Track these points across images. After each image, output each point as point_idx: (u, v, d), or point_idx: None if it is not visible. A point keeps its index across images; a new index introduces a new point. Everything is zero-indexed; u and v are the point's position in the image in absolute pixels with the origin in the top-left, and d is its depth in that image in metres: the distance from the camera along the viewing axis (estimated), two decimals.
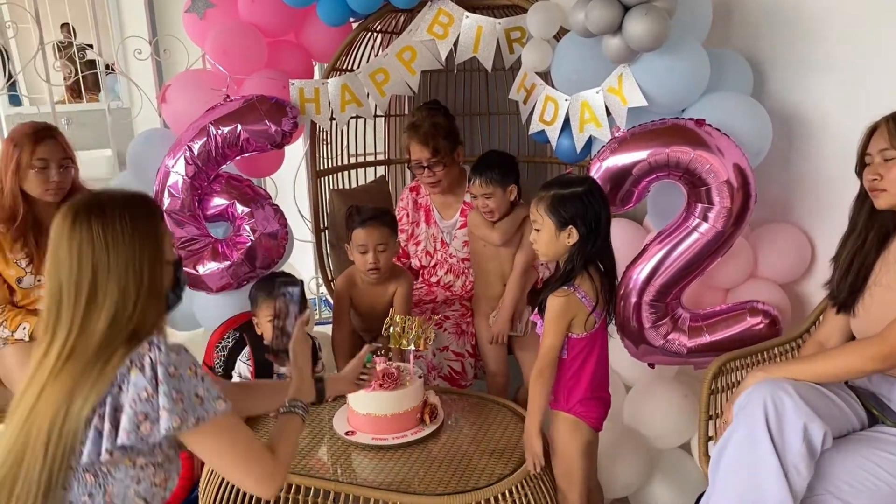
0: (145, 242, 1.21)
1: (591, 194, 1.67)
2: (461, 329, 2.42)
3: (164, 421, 1.15)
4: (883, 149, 1.52)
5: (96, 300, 1.17)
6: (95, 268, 1.17)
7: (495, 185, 2.26)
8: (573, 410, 1.74)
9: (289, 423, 1.39)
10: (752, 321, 1.94)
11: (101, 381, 1.15)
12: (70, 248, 1.18)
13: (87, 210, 1.19)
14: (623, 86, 1.94)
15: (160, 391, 1.15)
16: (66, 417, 1.13)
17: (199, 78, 2.51)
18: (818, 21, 2.00)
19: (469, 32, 2.37)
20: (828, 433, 1.43)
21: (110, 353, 1.17)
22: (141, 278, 1.20)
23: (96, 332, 1.17)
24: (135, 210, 1.21)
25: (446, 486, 1.69)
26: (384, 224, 2.24)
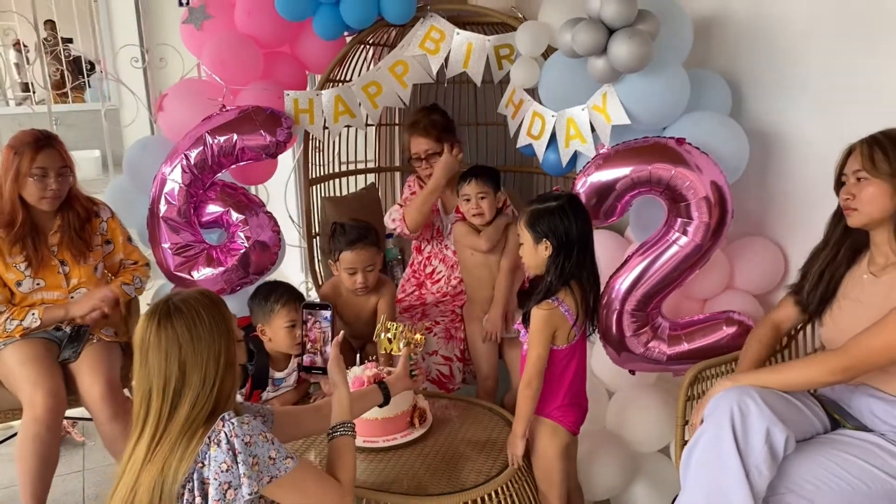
0: (220, 331, 1.37)
1: (563, 210, 1.74)
2: (450, 334, 2.49)
3: (245, 487, 1.31)
4: (856, 170, 1.60)
5: (182, 393, 1.34)
6: (182, 365, 1.33)
7: (490, 185, 2.36)
8: (552, 416, 1.83)
9: (342, 447, 1.53)
10: (729, 330, 2.01)
11: (187, 459, 1.31)
12: (159, 350, 1.33)
13: (167, 314, 1.35)
14: (607, 104, 2.02)
15: (239, 460, 1.31)
16: (162, 494, 1.30)
17: (196, 87, 2.57)
18: (794, 44, 2.08)
19: (460, 48, 2.45)
20: (790, 437, 1.51)
21: (192, 433, 1.33)
22: (218, 363, 1.36)
23: (180, 417, 1.33)
24: (206, 305, 1.37)
25: (435, 487, 1.76)
26: (371, 244, 2.30)
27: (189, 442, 1.32)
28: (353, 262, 2.28)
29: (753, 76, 2.20)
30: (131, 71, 3.36)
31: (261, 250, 2.33)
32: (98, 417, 2.19)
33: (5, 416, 2.31)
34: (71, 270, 2.32)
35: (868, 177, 1.57)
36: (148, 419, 1.35)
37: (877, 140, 1.58)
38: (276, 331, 2.09)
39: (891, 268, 1.61)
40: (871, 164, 1.57)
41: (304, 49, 2.59)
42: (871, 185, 1.57)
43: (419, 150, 2.62)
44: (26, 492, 2.14)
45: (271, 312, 2.09)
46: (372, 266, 2.30)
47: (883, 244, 1.62)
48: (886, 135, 1.58)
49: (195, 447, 1.32)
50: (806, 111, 2.09)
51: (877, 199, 1.57)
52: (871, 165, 1.57)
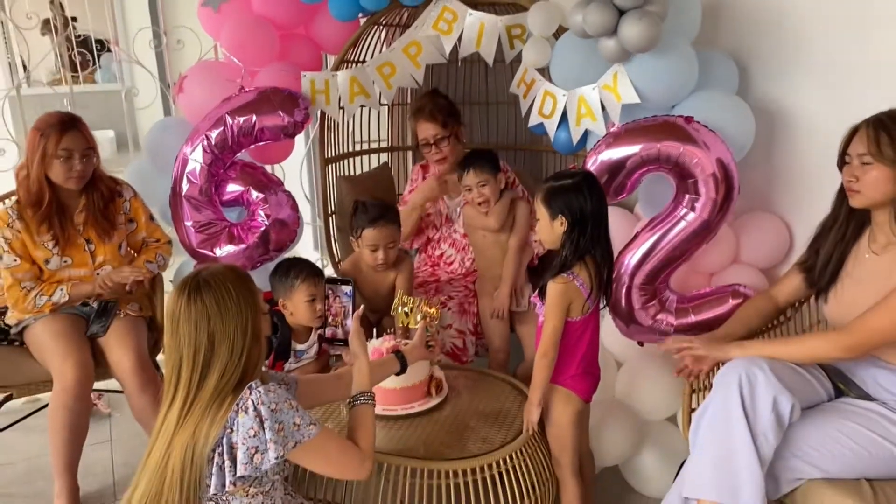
0: (247, 304, 1.43)
1: (577, 187, 1.78)
2: (464, 308, 2.57)
3: (271, 451, 1.39)
4: (861, 153, 1.61)
5: (211, 363, 1.41)
6: (212, 336, 1.40)
7: (488, 172, 2.42)
8: (566, 384, 1.90)
9: (362, 415, 1.62)
10: (735, 303, 2.06)
11: (217, 424, 1.39)
12: (189, 322, 1.40)
13: (196, 287, 1.42)
14: (617, 83, 2.07)
15: (265, 426, 1.39)
16: (194, 456, 1.39)
17: (214, 69, 2.63)
18: (800, 24, 2.12)
19: (472, 29, 2.49)
20: (795, 405, 1.57)
21: (222, 400, 1.41)
22: (245, 334, 1.42)
23: (210, 386, 1.41)
24: (234, 279, 1.44)
25: (452, 452, 1.84)
26: (391, 222, 2.37)
27: (219, 409, 1.40)
28: (375, 239, 2.35)
29: (760, 56, 2.24)
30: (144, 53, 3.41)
31: (280, 228, 2.40)
32: (128, 388, 2.28)
33: (35, 388, 2.40)
34: (96, 248, 2.40)
35: (872, 161, 1.59)
36: (179, 387, 1.42)
37: (882, 123, 1.58)
38: (296, 305, 2.17)
39: (892, 246, 1.65)
40: (876, 149, 1.58)
41: (319, 30, 2.64)
42: (874, 170, 1.59)
43: (427, 135, 2.68)
44: (58, 459, 2.23)
45: (292, 288, 2.15)
46: (393, 243, 2.37)
47: (884, 224, 1.66)
48: (892, 117, 1.59)
49: (224, 413, 1.39)
50: (811, 90, 2.13)
51: (880, 183, 1.59)
52: (876, 150, 1.58)
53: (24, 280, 2.30)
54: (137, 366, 2.27)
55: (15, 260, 2.28)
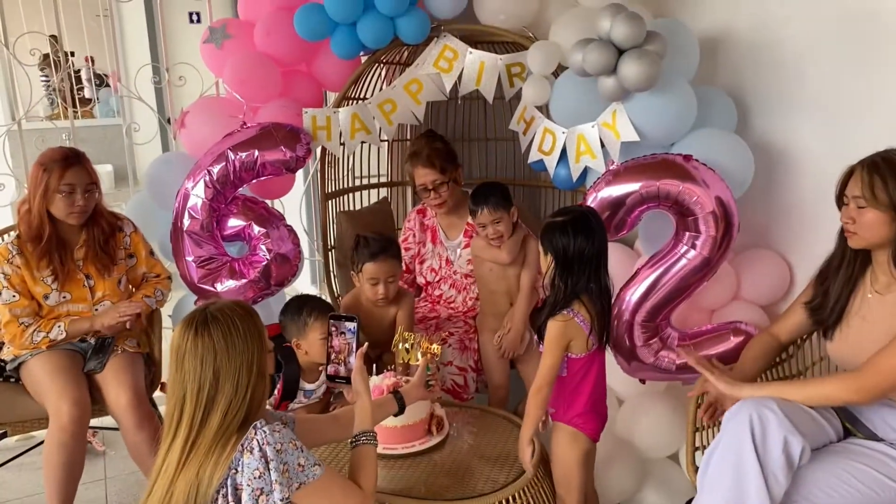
0: (253, 340, 1.42)
1: (563, 227, 1.78)
2: (464, 345, 2.55)
3: (277, 493, 1.37)
4: (856, 196, 1.62)
5: (215, 400, 1.39)
6: (217, 372, 1.38)
7: (502, 210, 2.41)
8: (572, 422, 1.88)
9: (364, 455, 1.60)
10: (736, 340, 2.07)
11: (221, 465, 1.37)
12: (195, 357, 1.39)
13: (204, 322, 1.40)
14: (617, 121, 2.09)
15: (271, 467, 1.37)
16: (197, 497, 1.36)
17: (216, 105, 2.65)
18: (799, 61, 2.15)
19: (472, 67, 2.51)
20: (806, 447, 1.55)
21: (227, 440, 1.39)
22: (251, 371, 1.41)
23: (214, 424, 1.38)
24: (241, 315, 1.43)
25: (453, 493, 1.82)
26: (392, 256, 2.37)
27: (223, 449, 1.38)
28: (376, 273, 2.34)
29: (758, 93, 2.27)
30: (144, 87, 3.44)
31: (282, 262, 2.39)
32: (125, 425, 2.26)
33: (30, 425, 2.37)
34: (95, 284, 2.39)
35: (866, 205, 1.60)
36: (181, 423, 1.40)
37: (876, 166, 1.59)
38: (311, 344, 2.15)
39: (895, 285, 1.65)
40: (870, 194, 1.59)
41: (321, 68, 2.66)
42: (869, 213, 1.60)
43: (425, 181, 2.67)
44: (52, 499, 2.20)
45: (305, 326, 2.14)
46: (393, 277, 2.37)
47: (884, 263, 1.67)
48: (886, 160, 1.60)
49: (229, 454, 1.37)
50: (809, 127, 2.15)
51: (875, 226, 1.60)
52: (870, 195, 1.59)
53: (21, 316, 2.28)
54: (134, 402, 2.25)
55: (14, 296, 2.27)
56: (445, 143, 2.75)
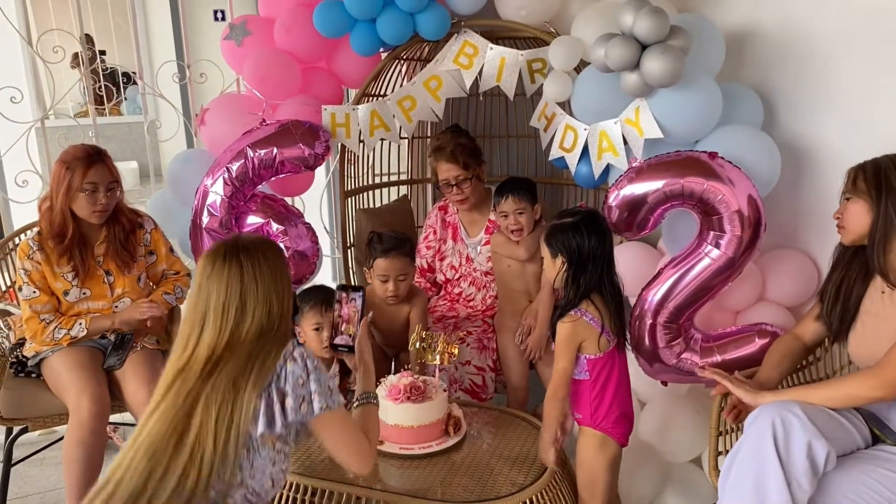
0: (282, 276, 1.46)
1: (576, 227, 1.79)
2: (483, 344, 2.53)
3: (316, 402, 1.40)
4: (844, 192, 1.72)
5: (244, 318, 1.40)
6: (244, 294, 1.40)
7: (526, 201, 2.40)
8: (600, 427, 1.85)
9: (369, 413, 1.65)
10: (761, 342, 2.02)
11: (264, 373, 1.38)
12: (220, 278, 1.41)
13: (234, 250, 1.43)
14: (640, 118, 2.05)
15: (311, 378, 1.41)
16: (234, 405, 1.34)
17: (236, 102, 2.64)
18: (826, 58, 2.10)
19: (493, 63, 2.49)
20: (831, 453, 1.51)
21: (266, 354, 1.40)
22: (281, 303, 1.45)
23: (247, 341, 1.40)
24: (272, 251, 1.47)
25: (470, 494, 1.80)
26: (404, 254, 2.35)
27: (264, 362, 1.39)
28: (386, 269, 2.33)
29: (785, 90, 2.22)
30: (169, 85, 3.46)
31: (300, 260, 2.39)
32: None
33: (51, 420, 2.39)
34: (115, 280, 2.40)
35: (850, 197, 1.70)
36: (202, 339, 1.39)
37: (862, 165, 1.70)
38: (305, 332, 2.15)
39: None
40: (852, 185, 1.69)
41: (340, 64, 2.65)
42: (852, 204, 1.69)
43: (448, 176, 2.65)
44: (72, 494, 2.21)
45: (300, 313, 2.14)
46: (404, 276, 2.35)
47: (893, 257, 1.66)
48: (873, 161, 1.68)
49: (271, 365, 1.39)
50: (837, 125, 2.10)
51: (857, 216, 1.69)
52: (852, 186, 1.69)
53: (42, 312, 2.30)
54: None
55: (34, 292, 2.28)
56: (470, 139, 2.73)
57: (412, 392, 1.99)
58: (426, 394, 2.01)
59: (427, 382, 2.06)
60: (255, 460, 1.39)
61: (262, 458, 1.40)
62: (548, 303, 2.42)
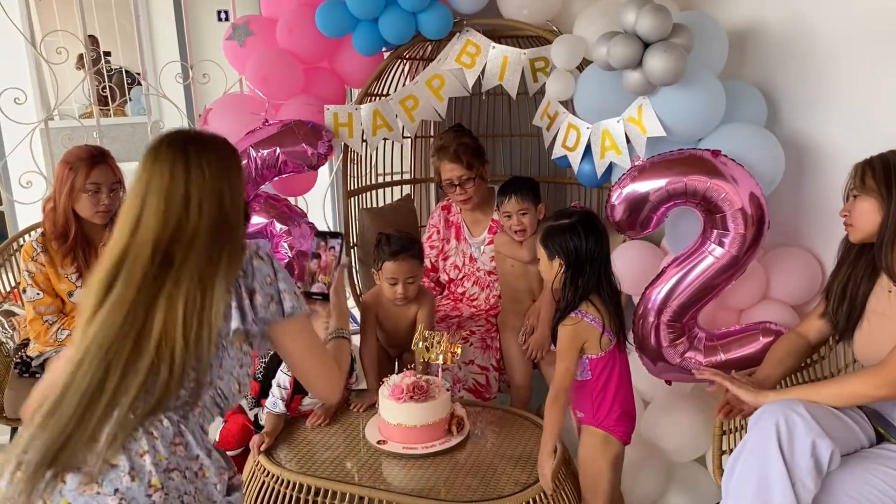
0: (232, 170, 1.35)
1: (573, 228, 1.78)
2: (486, 344, 2.53)
3: (287, 302, 1.33)
4: (851, 188, 1.71)
5: (190, 209, 1.27)
6: (188, 184, 1.27)
7: (530, 201, 2.40)
8: (602, 425, 1.85)
9: (342, 345, 1.61)
10: (765, 341, 2.01)
11: (233, 268, 1.29)
12: (163, 164, 1.27)
13: (180, 139, 1.31)
14: (643, 116, 2.04)
15: (279, 277, 1.33)
16: (204, 301, 1.25)
17: (239, 102, 2.65)
18: (830, 55, 2.09)
19: (495, 62, 2.49)
20: (835, 452, 1.51)
21: (231, 249, 1.29)
22: (234, 198, 1.33)
23: (201, 236, 1.27)
24: (223, 146, 1.36)
25: (473, 494, 1.80)
26: (413, 257, 2.33)
27: (229, 260, 1.28)
28: (395, 272, 2.32)
29: (788, 87, 2.21)
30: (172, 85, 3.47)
31: (303, 259, 2.39)
32: None
33: None
34: None
35: (858, 194, 1.68)
36: (139, 229, 1.26)
37: (870, 162, 1.68)
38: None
39: None
40: (860, 183, 1.67)
41: (343, 64, 2.65)
42: (861, 202, 1.67)
43: (451, 176, 2.64)
44: None
45: None
46: (413, 278, 2.34)
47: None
48: (881, 156, 1.67)
49: (236, 263, 1.29)
50: (841, 123, 2.09)
51: (866, 214, 1.66)
52: (860, 183, 1.67)
53: (45, 314, 2.30)
54: None
55: (38, 293, 2.29)
56: (473, 139, 2.73)
57: (415, 391, 1.99)
58: (429, 393, 2.01)
59: (430, 382, 2.06)
60: (223, 360, 1.31)
61: (231, 359, 1.33)
62: (550, 302, 2.41)
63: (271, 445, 2.03)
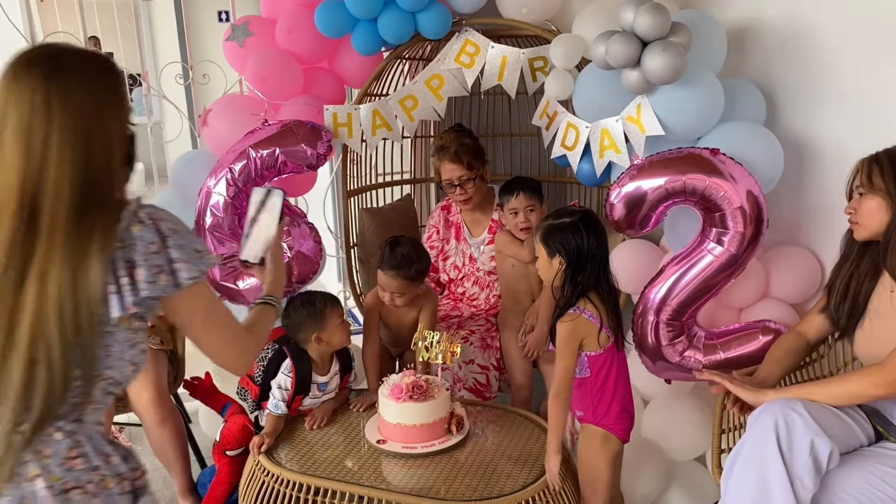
0: (108, 109, 1.13)
1: (574, 227, 1.79)
2: (486, 343, 2.53)
3: (183, 273, 1.13)
4: (857, 186, 1.69)
5: (50, 150, 1.06)
6: (51, 116, 1.06)
7: (537, 198, 2.40)
8: (601, 423, 1.85)
9: (265, 312, 1.45)
10: (765, 339, 2.01)
11: (109, 238, 1.08)
12: (22, 90, 1.07)
13: (46, 57, 1.09)
14: (641, 115, 2.04)
15: (170, 244, 1.12)
16: (78, 281, 1.06)
17: (238, 103, 2.65)
18: (829, 53, 2.09)
19: (494, 61, 2.49)
20: (834, 451, 1.50)
21: (106, 213, 1.10)
22: (108, 141, 1.12)
23: (65, 190, 1.07)
24: (99, 68, 1.13)
25: (472, 493, 1.80)
26: (406, 277, 2.30)
27: (102, 230, 1.08)
28: (385, 284, 2.33)
29: (788, 85, 2.21)
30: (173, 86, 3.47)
31: (303, 260, 2.39)
32: (147, 422, 2.27)
33: None
34: None
35: (865, 192, 1.66)
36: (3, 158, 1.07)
37: (877, 158, 1.66)
38: (333, 331, 2.16)
39: None
40: (868, 181, 1.66)
41: (342, 64, 2.65)
42: (868, 200, 1.66)
43: (452, 176, 2.64)
44: None
45: (323, 316, 2.15)
46: (401, 294, 2.33)
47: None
48: (888, 153, 1.65)
49: (112, 233, 1.08)
50: (841, 121, 2.09)
51: (874, 213, 1.65)
52: (868, 181, 1.66)
53: None
54: (156, 399, 2.26)
55: None
56: (474, 139, 2.73)
57: (414, 391, 1.99)
58: (428, 392, 2.02)
59: (430, 381, 2.06)
60: (111, 346, 1.12)
61: (120, 343, 1.13)
62: (549, 302, 2.41)
63: (271, 445, 2.04)
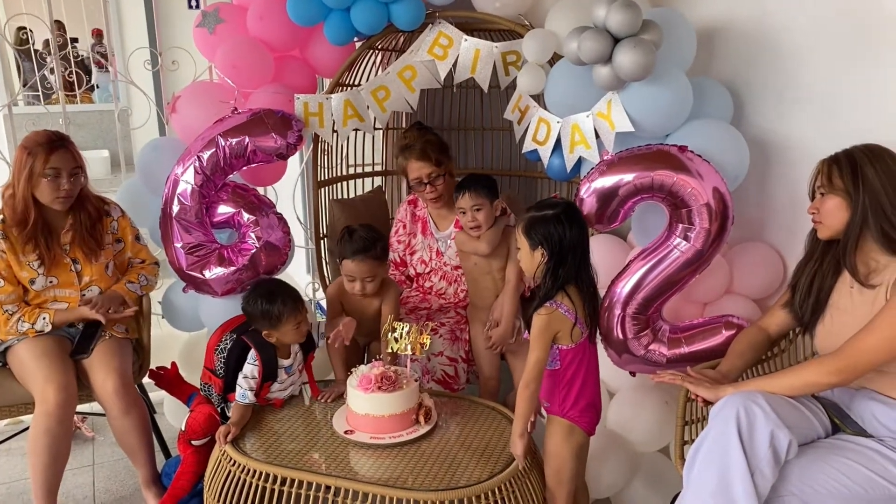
0: None
1: (558, 219, 1.79)
2: (455, 335, 2.53)
3: None
4: (818, 186, 1.73)
5: None
6: None
7: (484, 197, 2.40)
8: (568, 416, 1.86)
9: None
10: (728, 334, 2.05)
11: None
12: None
13: None
14: (611, 111, 2.06)
15: None
16: None
17: (208, 90, 2.62)
18: (795, 53, 2.13)
19: (467, 54, 2.49)
20: (793, 442, 1.54)
21: None
22: None
23: None
24: None
25: (439, 483, 1.80)
26: (373, 257, 2.29)
27: None
28: (353, 271, 2.31)
29: (755, 85, 2.25)
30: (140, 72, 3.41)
31: (271, 251, 2.37)
32: (111, 412, 2.24)
33: (17, 410, 2.35)
34: (83, 269, 2.37)
35: (826, 192, 1.70)
36: None
37: (836, 159, 1.70)
38: (284, 333, 2.13)
39: (874, 275, 1.67)
40: (828, 181, 1.69)
41: (314, 53, 2.63)
42: (829, 200, 1.69)
43: (421, 174, 2.60)
44: (38, 485, 2.19)
45: (279, 320, 2.11)
46: (372, 277, 2.32)
47: (868, 252, 1.68)
48: (846, 153, 1.69)
49: None
50: (806, 119, 2.13)
51: (834, 212, 1.69)
52: (828, 182, 1.69)
53: (6, 302, 2.26)
54: (121, 388, 2.23)
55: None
56: (436, 135, 2.71)
57: (383, 382, 1.99)
58: (397, 384, 2.02)
59: (398, 372, 2.06)
60: None
61: None
62: (512, 296, 2.43)
63: (238, 435, 2.02)
